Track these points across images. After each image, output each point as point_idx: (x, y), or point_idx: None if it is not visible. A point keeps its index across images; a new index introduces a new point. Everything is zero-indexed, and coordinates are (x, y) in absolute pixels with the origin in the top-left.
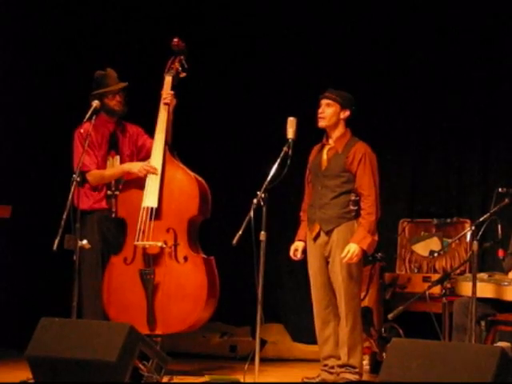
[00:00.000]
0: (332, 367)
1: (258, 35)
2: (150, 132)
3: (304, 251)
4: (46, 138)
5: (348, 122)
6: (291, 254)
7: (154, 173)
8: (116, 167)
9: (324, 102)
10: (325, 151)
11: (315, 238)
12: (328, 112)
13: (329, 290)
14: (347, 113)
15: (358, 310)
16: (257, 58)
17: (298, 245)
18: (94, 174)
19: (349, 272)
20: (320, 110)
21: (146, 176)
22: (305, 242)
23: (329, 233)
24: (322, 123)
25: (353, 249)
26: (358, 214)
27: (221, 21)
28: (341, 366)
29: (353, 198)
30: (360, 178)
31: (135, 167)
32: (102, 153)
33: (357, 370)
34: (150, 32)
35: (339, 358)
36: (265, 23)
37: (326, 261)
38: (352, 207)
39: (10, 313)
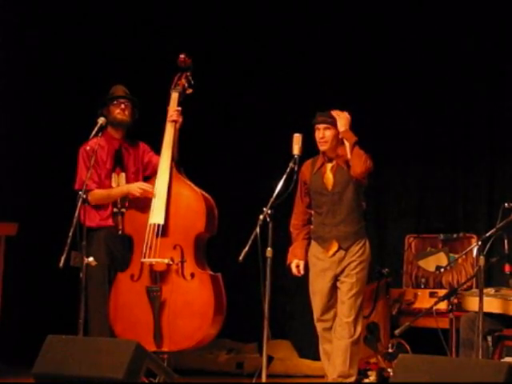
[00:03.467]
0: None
1: (264, 51)
2: (157, 149)
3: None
4: (52, 155)
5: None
6: (294, 271)
7: (149, 192)
8: (117, 188)
9: (321, 126)
10: (328, 169)
11: (332, 256)
12: (328, 135)
13: (332, 307)
14: None
15: (362, 325)
16: (263, 74)
17: (299, 262)
18: (93, 194)
19: (361, 287)
20: (320, 135)
21: (150, 194)
22: (304, 260)
23: (347, 249)
24: (324, 147)
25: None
26: (366, 232)
27: (226, 36)
28: (340, 376)
29: (361, 211)
30: None
31: (132, 188)
32: (106, 171)
33: (354, 378)
34: (156, 48)
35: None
36: (269, 38)
37: (336, 278)
38: (363, 222)
39: (17, 330)
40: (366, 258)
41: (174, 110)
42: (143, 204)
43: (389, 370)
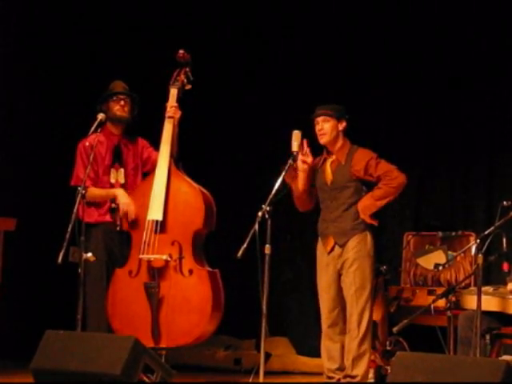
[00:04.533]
0: (337, 379)
1: (264, 48)
2: (156, 145)
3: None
4: (51, 151)
5: (347, 133)
6: (301, 159)
7: (129, 216)
8: (109, 191)
9: (320, 118)
10: (328, 165)
11: (329, 252)
12: (327, 127)
13: (337, 304)
14: (344, 124)
15: (369, 322)
16: (263, 71)
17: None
18: (88, 191)
19: (362, 284)
20: (319, 127)
21: (150, 189)
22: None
23: (343, 245)
24: (324, 140)
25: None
26: (367, 225)
27: (225, 33)
28: (344, 377)
29: None
30: (375, 169)
31: (123, 202)
32: (104, 166)
33: (359, 378)
34: (155, 44)
35: (343, 370)
36: (268, 35)
37: (338, 273)
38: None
39: (15, 325)
40: (363, 253)
41: (171, 106)
42: (142, 200)
43: (387, 367)
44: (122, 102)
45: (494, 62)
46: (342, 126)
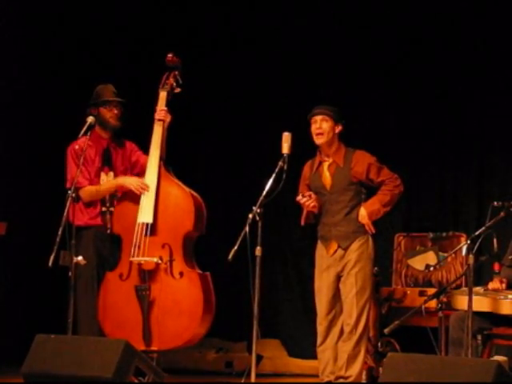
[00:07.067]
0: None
1: (255, 50)
2: (145, 148)
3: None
4: (42, 154)
5: (341, 136)
6: (306, 197)
7: (145, 190)
8: (109, 182)
9: (319, 117)
10: (325, 168)
11: (332, 254)
12: (325, 127)
13: (334, 306)
14: (340, 127)
15: (366, 324)
16: (253, 72)
17: (311, 193)
18: (87, 191)
19: (363, 286)
20: (317, 126)
21: (140, 192)
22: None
23: (346, 248)
24: (321, 140)
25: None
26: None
27: (216, 36)
28: (336, 378)
29: None
30: (377, 175)
31: (129, 182)
32: (95, 169)
33: (353, 378)
34: (145, 47)
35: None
36: (261, 37)
37: (338, 275)
38: None
39: (6, 329)
40: (366, 256)
41: (160, 109)
42: (132, 203)
43: (379, 368)
44: (115, 111)
45: (485, 61)
46: (338, 128)
